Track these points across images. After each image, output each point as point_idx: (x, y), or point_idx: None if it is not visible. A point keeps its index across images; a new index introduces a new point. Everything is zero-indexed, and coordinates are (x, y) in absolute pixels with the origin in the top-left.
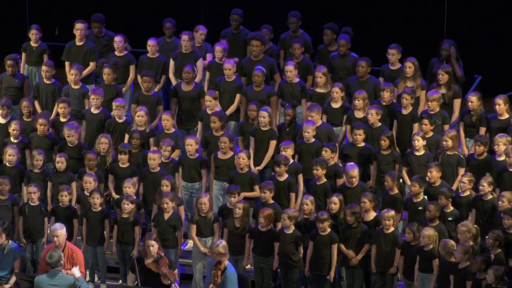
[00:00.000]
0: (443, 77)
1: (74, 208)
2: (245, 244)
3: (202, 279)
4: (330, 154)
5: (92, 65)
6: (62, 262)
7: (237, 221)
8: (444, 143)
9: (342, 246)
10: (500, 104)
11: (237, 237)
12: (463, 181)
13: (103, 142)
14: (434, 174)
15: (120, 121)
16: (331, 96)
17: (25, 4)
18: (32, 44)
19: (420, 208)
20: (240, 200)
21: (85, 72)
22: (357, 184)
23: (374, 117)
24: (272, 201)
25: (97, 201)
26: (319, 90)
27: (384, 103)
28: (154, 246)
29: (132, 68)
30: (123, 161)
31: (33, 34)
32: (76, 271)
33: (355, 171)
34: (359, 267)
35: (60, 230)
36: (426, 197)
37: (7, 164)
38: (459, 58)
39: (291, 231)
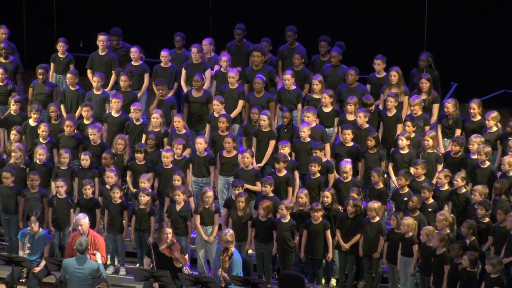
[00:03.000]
0: (425, 84)
1: (96, 200)
2: (247, 231)
3: (205, 262)
4: (319, 153)
5: (114, 73)
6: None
7: (240, 211)
8: (425, 142)
9: (338, 234)
10: (474, 108)
11: (240, 225)
12: (440, 176)
13: (119, 143)
14: (419, 171)
15: (138, 123)
16: (323, 101)
17: (53, 19)
18: (60, 55)
19: (405, 198)
20: (240, 193)
21: (111, 81)
22: (350, 180)
23: (362, 119)
24: (272, 194)
25: (116, 194)
26: (315, 96)
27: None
28: (170, 234)
29: (146, 76)
30: (140, 159)
31: (61, 46)
32: (98, 257)
33: (346, 167)
34: (351, 252)
35: (83, 219)
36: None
37: (37, 161)
38: (434, 68)
39: (287, 220)
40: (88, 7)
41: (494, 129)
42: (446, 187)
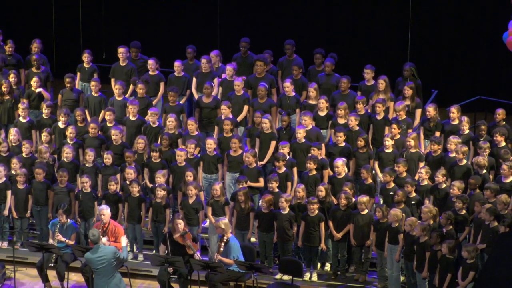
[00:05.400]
0: (408, 91)
1: (120, 195)
2: (249, 221)
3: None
4: (317, 151)
5: (132, 82)
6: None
7: (242, 204)
8: (408, 142)
9: (331, 224)
10: (454, 112)
11: (243, 216)
12: (421, 172)
13: (140, 142)
14: (401, 168)
15: (154, 125)
16: (318, 106)
17: (79, 34)
18: (85, 65)
19: (391, 193)
20: (240, 188)
21: (130, 89)
22: (343, 176)
23: (353, 122)
24: (277, 190)
25: (135, 189)
26: (311, 102)
27: (359, 112)
28: (181, 224)
29: (162, 84)
30: (155, 157)
31: (86, 57)
32: (123, 240)
33: (337, 163)
34: (343, 240)
35: (106, 210)
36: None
37: (65, 160)
38: (416, 77)
39: (286, 212)
40: (110, 23)
41: (467, 131)
42: (426, 182)
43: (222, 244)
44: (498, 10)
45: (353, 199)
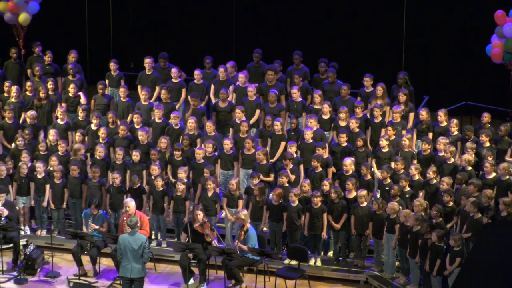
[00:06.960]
0: (402, 97)
1: (143, 188)
2: (263, 213)
3: (231, 236)
4: (322, 151)
5: (157, 89)
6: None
7: (257, 197)
8: (403, 142)
9: (330, 217)
10: (441, 115)
11: (257, 208)
12: (412, 168)
13: (163, 141)
14: (399, 166)
15: (176, 127)
16: (322, 110)
17: (110, 46)
18: (112, 73)
19: (387, 188)
20: (256, 183)
21: (155, 95)
22: (350, 173)
23: (354, 125)
24: (287, 185)
25: (159, 183)
26: (316, 106)
27: (357, 116)
28: (200, 214)
29: (183, 91)
30: (177, 155)
31: (112, 66)
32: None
33: (346, 162)
34: (342, 230)
35: (131, 202)
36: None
37: (97, 157)
38: (409, 84)
39: (295, 204)
40: (138, 36)
41: (455, 133)
42: (417, 177)
43: (243, 233)
44: (483, 25)
45: (354, 192)
